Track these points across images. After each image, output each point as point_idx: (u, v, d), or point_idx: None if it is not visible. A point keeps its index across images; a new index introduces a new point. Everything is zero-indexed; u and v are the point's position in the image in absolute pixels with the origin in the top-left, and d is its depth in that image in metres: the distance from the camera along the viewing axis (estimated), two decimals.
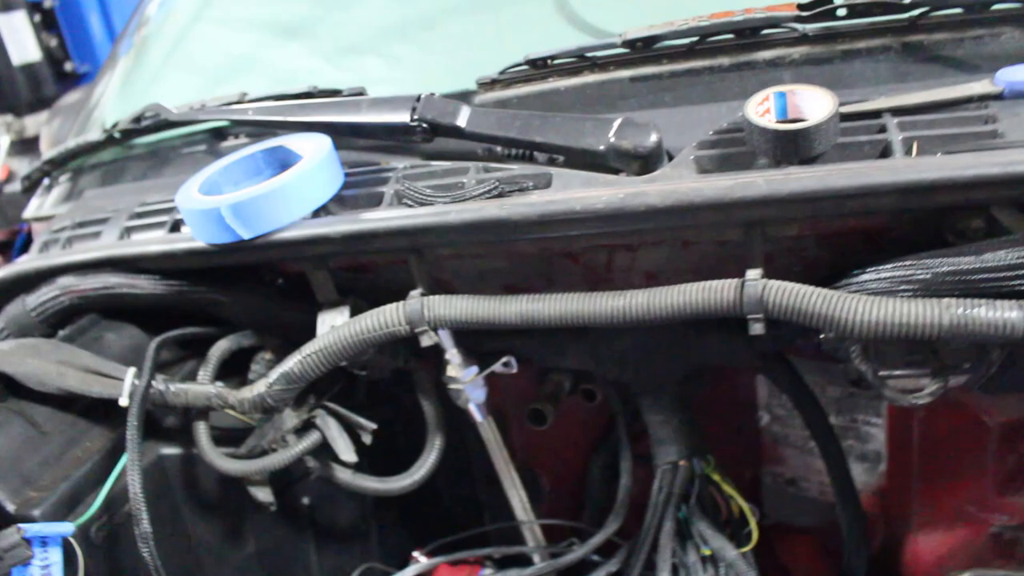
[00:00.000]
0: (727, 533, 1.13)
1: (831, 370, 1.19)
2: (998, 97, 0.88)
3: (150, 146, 1.38)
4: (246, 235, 0.95)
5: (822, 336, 0.96)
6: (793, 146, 0.83)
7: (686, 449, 1.12)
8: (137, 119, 1.30)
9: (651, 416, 1.12)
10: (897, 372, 0.92)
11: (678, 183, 0.84)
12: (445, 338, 1.00)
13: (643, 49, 1.03)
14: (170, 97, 1.33)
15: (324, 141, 1.03)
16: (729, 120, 0.93)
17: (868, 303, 0.79)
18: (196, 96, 1.30)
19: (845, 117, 0.86)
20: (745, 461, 1.35)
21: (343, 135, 1.11)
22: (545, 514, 1.31)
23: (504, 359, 1.01)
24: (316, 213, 0.99)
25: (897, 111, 0.88)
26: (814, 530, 1.34)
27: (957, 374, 0.90)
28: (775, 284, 0.83)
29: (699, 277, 0.93)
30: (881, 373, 0.88)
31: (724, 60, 1.02)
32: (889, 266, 0.84)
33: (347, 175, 1.03)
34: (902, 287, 0.84)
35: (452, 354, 1.03)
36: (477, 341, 1.02)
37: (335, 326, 1.00)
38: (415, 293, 0.96)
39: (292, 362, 0.98)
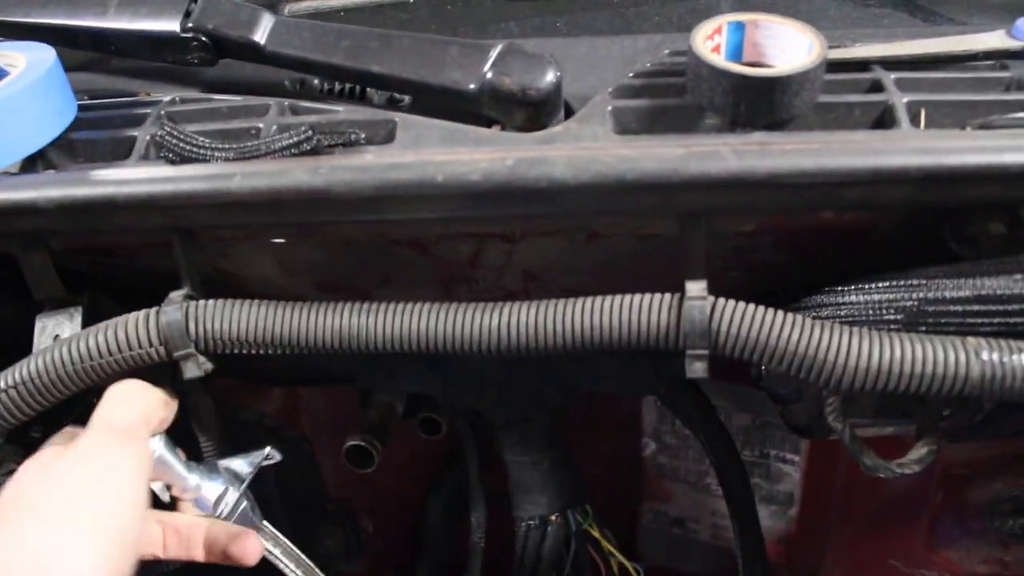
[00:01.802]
0: None
1: (740, 393, 0.95)
2: (1018, 55, 0.64)
3: None
4: None
5: (764, 368, 0.71)
6: (766, 102, 0.55)
7: (559, 499, 0.85)
8: None
9: (515, 456, 0.84)
10: (864, 422, 0.68)
11: (595, 147, 0.55)
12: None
13: None
14: None
15: (45, 53, 0.67)
16: (653, 59, 0.64)
17: (870, 344, 0.54)
18: None
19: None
20: (622, 497, 1.10)
21: (81, 48, 0.76)
22: (368, 566, 1.02)
23: (266, 453, 0.69)
24: (27, 164, 0.64)
25: (889, 63, 0.63)
26: None
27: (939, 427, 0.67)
28: (730, 306, 0.55)
29: (600, 282, 0.65)
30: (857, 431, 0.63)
31: None
32: (883, 284, 0.59)
33: (82, 108, 0.67)
34: (889, 315, 0.59)
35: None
36: (262, 359, 0.68)
37: (55, 342, 0.65)
38: (176, 296, 0.62)
39: None
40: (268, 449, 0.69)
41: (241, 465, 0.68)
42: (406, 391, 0.83)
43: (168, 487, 0.67)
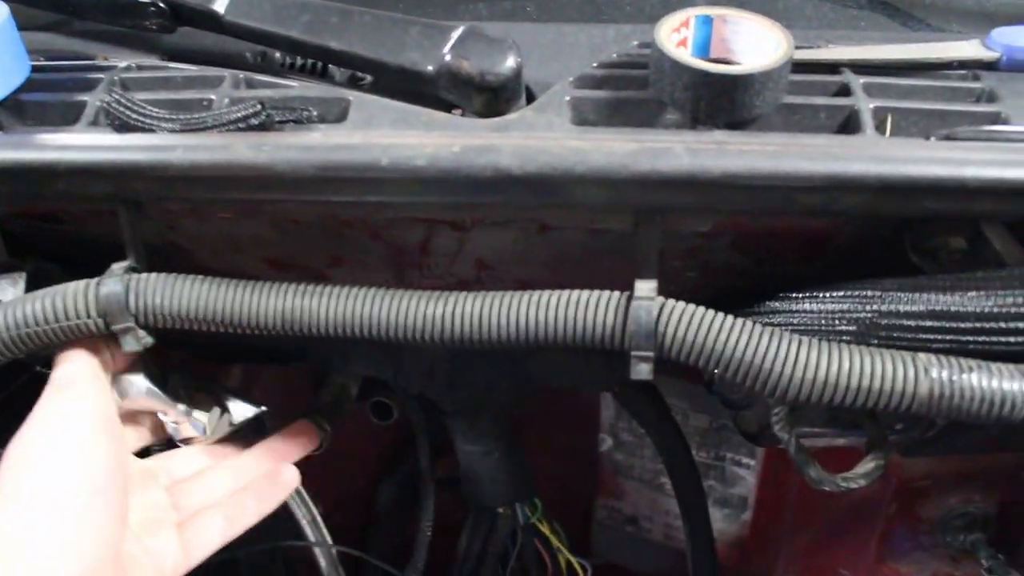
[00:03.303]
0: None
1: (698, 394, 0.94)
2: (992, 66, 0.63)
3: None
4: None
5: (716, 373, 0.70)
6: (727, 100, 0.54)
7: (508, 492, 0.84)
8: None
9: (465, 445, 0.83)
10: (814, 432, 0.67)
11: (547, 137, 0.53)
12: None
13: None
14: None
15: None
16: (619, 50, 0.63)
17: (818, 356, 0.52)
18: None
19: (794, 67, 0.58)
20: (576, 492, 1.09)
21: (39, 6, 0.74)
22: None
23: (261, 409, 0.69)
24: None
25: (859, 67, 0.61)
26: None
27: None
28: (678, 309, 0.54)
29: (554, 275, 0.64)
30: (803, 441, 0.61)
31: None
32: (839, 293, 0.58)
33: (36, 69, 0.65)
34: (842, 325, 0.58)
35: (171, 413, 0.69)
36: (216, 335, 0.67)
37: None
38: (118, 267, 0.61)
39: None
40: (264, 408, 0.71)
41: (238, 407, 0.71)
42: (358, 373, 0.82)
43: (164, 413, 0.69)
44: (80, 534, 0.55)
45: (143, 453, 0.71)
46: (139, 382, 0.66)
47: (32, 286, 0.67)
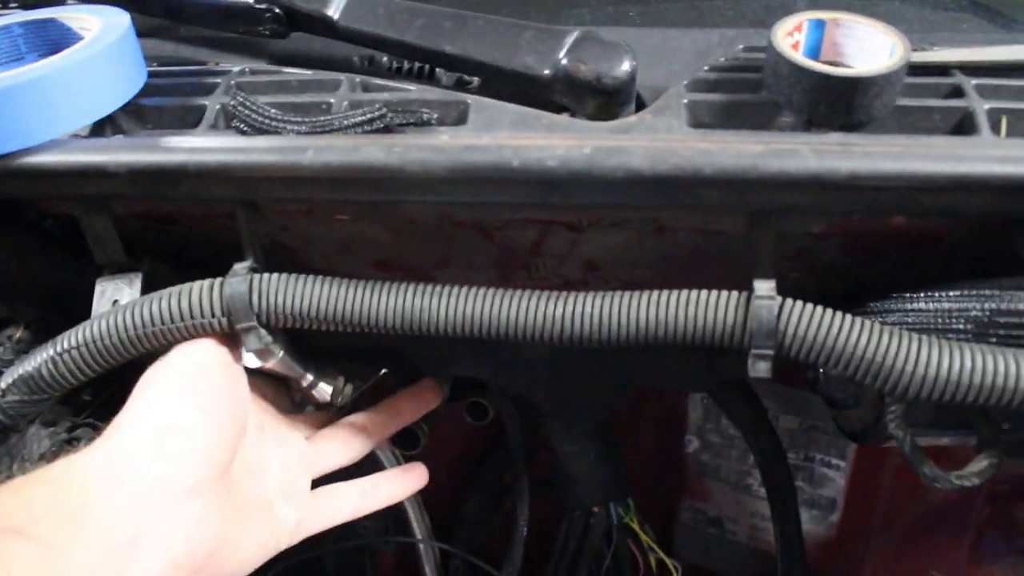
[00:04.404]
0: None
1: (788, 396, 0.94)
2: None
3: None
4: None
5: (821, 371, 0.70)
6: (846, 102, 0.54)
7: (603, 491, 0.85)
8: None
9: (562, 446, 0.83)
10: (921, 433, 0.67)
11: (671, 139, 0.54)
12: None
13: None
14: None
15: (119, 18, 0.67)
16: (725, 54, 0.64)
17: (939, 353, 0.53)
18: None
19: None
20: (661, 493, 1.09)
21: (153, 14, 0.76)
22: (404, 547, 1.02)
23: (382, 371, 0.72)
24: (96, 128, 0.64)
25: (969, 69, 0.61)
26: None
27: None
28: (798, 307, 0.55)
29: (660, 276, 0.64)
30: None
31: None
32: (954, 292, 0.58)
33: (152, 75, 0.67)
34: (958, 324, 0.58)
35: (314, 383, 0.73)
36: (317, 335, 0.68)
37: (117, 306, 0.66)
38: (241, 268, 0.63)
39: (38, 361, 0.63)
40: (384, 370, 0.77)
41: (359, 374, 0.76)
42: (456, 374, 0.83)
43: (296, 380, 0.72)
44: (182, 465, 0.57)
45: None
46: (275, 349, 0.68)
47: (146, 286, 0.69)
